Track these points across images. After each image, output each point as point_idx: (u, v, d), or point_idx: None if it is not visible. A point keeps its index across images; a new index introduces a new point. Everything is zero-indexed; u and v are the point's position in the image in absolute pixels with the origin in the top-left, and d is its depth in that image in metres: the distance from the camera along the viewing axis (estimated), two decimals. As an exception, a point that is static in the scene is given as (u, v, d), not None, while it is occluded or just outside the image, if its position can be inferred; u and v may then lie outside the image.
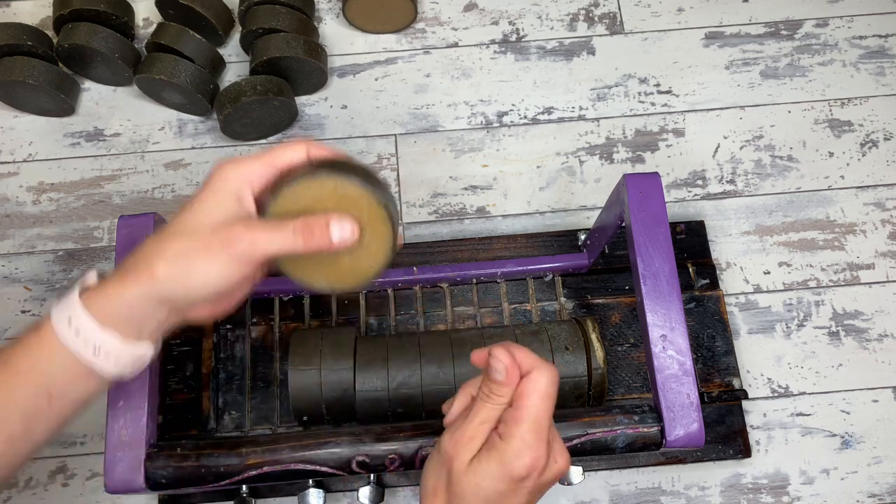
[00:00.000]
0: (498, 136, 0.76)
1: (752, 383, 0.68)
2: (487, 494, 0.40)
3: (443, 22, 0.81)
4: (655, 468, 0.65)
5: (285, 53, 0.71)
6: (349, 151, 0.76)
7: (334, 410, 0.58)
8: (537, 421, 0.40)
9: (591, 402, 0.60)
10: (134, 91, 0.78)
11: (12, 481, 0.65)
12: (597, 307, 0.68)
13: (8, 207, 0.74)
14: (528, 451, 0.39)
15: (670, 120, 0.77)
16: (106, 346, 0.40)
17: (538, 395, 0.40)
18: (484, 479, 0.39)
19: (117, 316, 0.40)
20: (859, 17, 0.80)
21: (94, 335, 0.40)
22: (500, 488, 0.40)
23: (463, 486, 0.40)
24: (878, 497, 0.65)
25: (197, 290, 0.40)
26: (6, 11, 0.81)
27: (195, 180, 0.75)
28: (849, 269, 0.71)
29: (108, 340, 0.40)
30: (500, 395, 0.41)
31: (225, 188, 0.42)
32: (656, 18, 0.81)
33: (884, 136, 0.76)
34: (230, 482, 0.49)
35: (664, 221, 0.53)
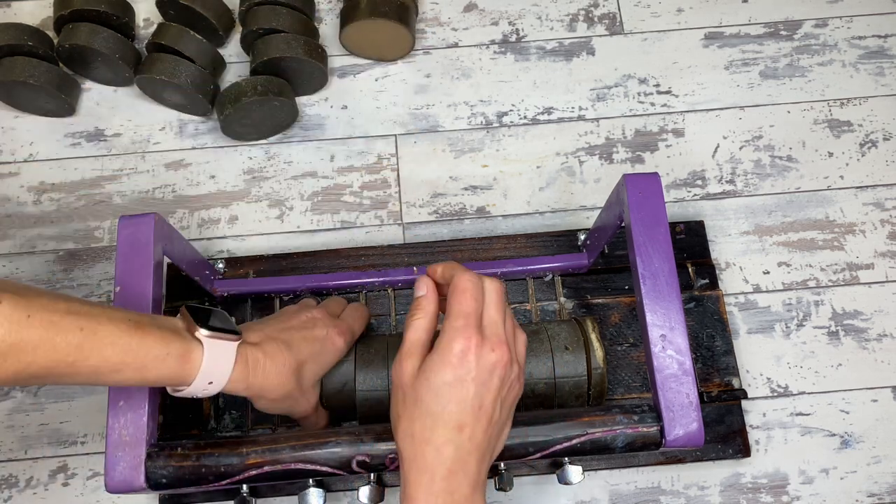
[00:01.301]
0: (498, 137, 0.76)
1: (752, 383, 0.68)
2: (437, 387, 0.43)
3: (443, 22, 0.81)
4: (655, 468, 0.65)
5: (285, 54, 0.72)
6: (349, 151, 0.76)
7: (332, 402, 0.59)
8: (462, 312, 0.44)
9: (590, 402, 0.60)
10: (134, 91, 0.78)
11: (12, 480, 0.65)
12: (596, 307, 0.68)
13: (9, 207, 0.74)
14: (458, 334, 0.44)
15: (670, 120, 0.77)
16: (210, 391, 0.48)
17: (458, 292, 0.45)
18: (430, 372, 0.44)
19: (246, 375, 0.50)
20: (858, 18, 0.80)
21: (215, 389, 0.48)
22: (446, 377, 0.43)
23: (417, 390, 0.44)
24: (877, 497, 0.65)
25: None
26: (7, 12, 0.82)
27: (195, 180, 0.75)
28: (848, 269, 0.71)
29: (218, 389, 0.49)
30: (420, 309, 0.47)
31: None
32: (656, 19, 0.81)
33: (883, 136, 0.76)
34: (230, 482, 0.50)
35: (664, 221, 0.53)
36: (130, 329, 0.44)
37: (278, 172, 0.75)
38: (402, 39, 0.76)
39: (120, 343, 0.43)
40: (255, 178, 0.75)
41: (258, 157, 0.76)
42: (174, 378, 0.46)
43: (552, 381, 0.58)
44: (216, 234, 0.73)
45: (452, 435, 0.43)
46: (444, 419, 0.43)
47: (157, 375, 0.45)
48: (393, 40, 0.77)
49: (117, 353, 0.43)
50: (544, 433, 0.50)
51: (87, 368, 0.42)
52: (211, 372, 0.47)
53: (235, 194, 0.74)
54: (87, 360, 0.42)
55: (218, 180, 0.75)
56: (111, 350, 0.43)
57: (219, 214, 0.74)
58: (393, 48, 0.78)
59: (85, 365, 0.42)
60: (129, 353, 0.43)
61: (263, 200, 0.74)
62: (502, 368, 0.44)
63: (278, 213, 0.74)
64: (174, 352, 0.45)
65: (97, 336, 0.42)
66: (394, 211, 0.74)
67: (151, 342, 0.44)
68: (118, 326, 0.43)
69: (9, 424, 0.67)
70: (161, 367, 0.45)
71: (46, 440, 0.66)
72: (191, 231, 0.73)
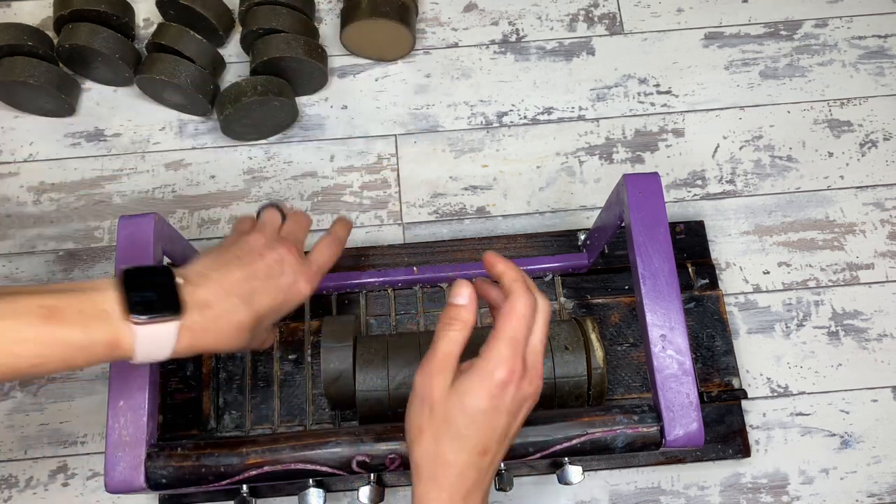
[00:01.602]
0: (498, 137, 0.76)
1: (752, 383, 0.68)
2: (472, 412, 0.41)
3: (443, 22, 0.81)
4: (655, 468, 0.65)
5: (285, 54, 0.72)
6: (349, 151, 0.76)
7: (332, 393, 0.59)
8: (514, 339, 0.42)
9: (590, 402, 0.60)
10: (134, 91, 0.78)
11: (12, 481, 0.65)
12: (596, 307, 0.68)
13: (8, 207, 0.74)
14: (504, 363, 0.42)
15: (670, 120, 0.77)
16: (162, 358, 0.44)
17: (515, 316, 0.43)
18: (465, 395, 0.41)
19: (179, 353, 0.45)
20: (858, 18, 0.80)
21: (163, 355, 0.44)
22: (482, 405, 0.41)
23: (448, 409, 0.42)
24: (877, 497, 0.65)
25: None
26: (7, 12, 0.81)
27: (195, 180, 0.75)
28: (848, 269, 0.71)
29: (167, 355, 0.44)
30: (458, 321, 0.43)
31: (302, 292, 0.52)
32: (656, 19, 0.81)
33: (883, 136, 0.76)
34: (230, 482, 0.50)
35: (664, 221, 0.53)
36: (42, 318, 0.39)
37: (278, 172, 0.75)
38: (403, 39, 0.76)
39: (30, 337, 0.39)
40: (254, 178, 0.75)
41: (258, 157, 0.76)
42: (106, 358, 0.42)
43: (552, 381, 0.58)
44: (216, 234, 0.73)
45: (476, 459, 0.42)
46: (472, 444, 0.42)
47: (89, 363, 0.41)
48: (393, 40, 0.76)
49: (30, 348, 0.39)
50: (544, 433, 0.50)
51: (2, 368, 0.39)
52: (148, 353, 0.43)
53: (235, 194, 0.74)
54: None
55: (218, 180, 0.75)
56: (22, 347, 0.39)
57: (219, 214, 0.74)
58: (393, 48, 0.78)
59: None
60: (45, 346, 0.39)
61: (263, 200, 0.74)
62: (532, 400, 0.44)
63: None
64: (99, 339, 0.41)
65: (1, 332, 0.38)
66: (394, 211, 0.74)
67: (69, 331, 0.40)
68: (27, 318, 0.39)
69: (9, 424, 0.67)
70: (88, 357, 0.41)
71: (46, 440, 0.66)
72: (191, 231, 0.73)
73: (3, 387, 0.68)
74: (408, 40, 0.77)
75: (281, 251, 0.50)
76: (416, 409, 0.43)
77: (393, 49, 0.78)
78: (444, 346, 0.43)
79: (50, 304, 0.40)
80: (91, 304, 0.41)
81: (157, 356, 0.43)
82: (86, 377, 0.68)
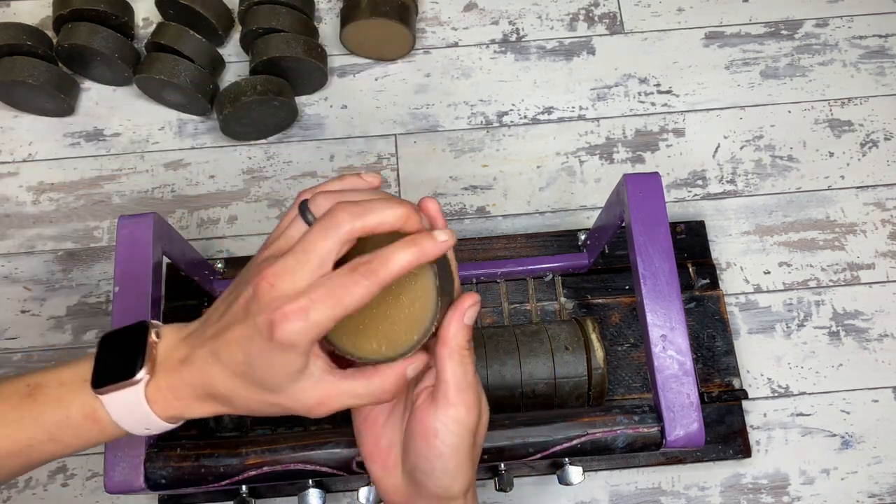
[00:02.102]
0: (498, 136, 0.76)
1: (752, 383, 0.68)
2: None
3: (443, 22, 0.81)
4: (655, 468, 0.65)
5: (285, 53, 0.71)
6: (349, 151, 0.76)
7: None
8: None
9: (591, 402, 0.60)
10: (134, 91, 0.77)
11: (11, 481, 0.65)
12: (597, 307, 0.68)
13: (8, 207, 0.74)
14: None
15: (670, 120, 0.77)
16: (152, 426, 0.39)
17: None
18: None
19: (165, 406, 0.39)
20: (859, 17, 0.80)
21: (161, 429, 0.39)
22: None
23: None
24: (878, 497, 0.65)
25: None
26: (6, 11, 0.81)
27: (195, 180, 0.75)
28: (849, 269, 0.71)
29: (156, 422, 0.39)
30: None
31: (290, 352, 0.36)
32: (656, 18, 0.81)
33: (884, 136, 0.76)
34: (230, 482, 0.49)
35: (664, 221, 0.53)
36: (23, 399, 0.38)
37: (278, 172, 0.75)
38: (402, 39, 0.76)
39: (13, 419, 0.38)
40: (254, 178, 0.75)
41: (257, 156, 0.76)
42: (100, 435, 0.39)
43: (552, 381, 0.58)
44: (215, 233, 0.73)
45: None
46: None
47: (81, 441, 0.39)
48: (393, 40, 0.76)
49: (16, 430, 0.38)
50: (544, 434, 0.50)
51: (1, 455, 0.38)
52: (131, 422, 0.39)
53: (235, 194, 0.74)
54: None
55: (217, 180, 0.75)
56: (9, 429, 0.38)
57: (218, 214, 0.73)
58: (393, 48, 0.78)
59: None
60: (29, 426, 0.38)
61: (263, 200, 0.74)
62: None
63: (278, 212, 0.74)
64: (75, 412, 0.38)
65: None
66: (394, 211, 0.73)
67: (46, 408, 0.38)
68: (12, 400, 0.38)
69: (8, 425, 0.67)
70: (75, 432, 0.39)
71: (45, 440, 0.66)
72: (190, 231, 0.73)
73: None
74: (408, 40, 0.77)
75: (255, 281, 0.35)
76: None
77: (393, 49, 0.78)
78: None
79: (35, 381, 0.39)
80: (72, 374, 0.39)
81: (148, 425, 0.39)
82: (85, 377, 0.68)
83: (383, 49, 0.78)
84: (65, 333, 0.69)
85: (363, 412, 0.42)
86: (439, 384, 0.39)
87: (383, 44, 0.77)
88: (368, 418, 0.42)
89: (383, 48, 0.78)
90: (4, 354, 0.69)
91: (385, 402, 0.39)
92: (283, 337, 0.34)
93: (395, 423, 0.42)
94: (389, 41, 0.77)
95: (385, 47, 0.77)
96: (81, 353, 0.69)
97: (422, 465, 0.39)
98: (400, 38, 0.76)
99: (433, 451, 0.39)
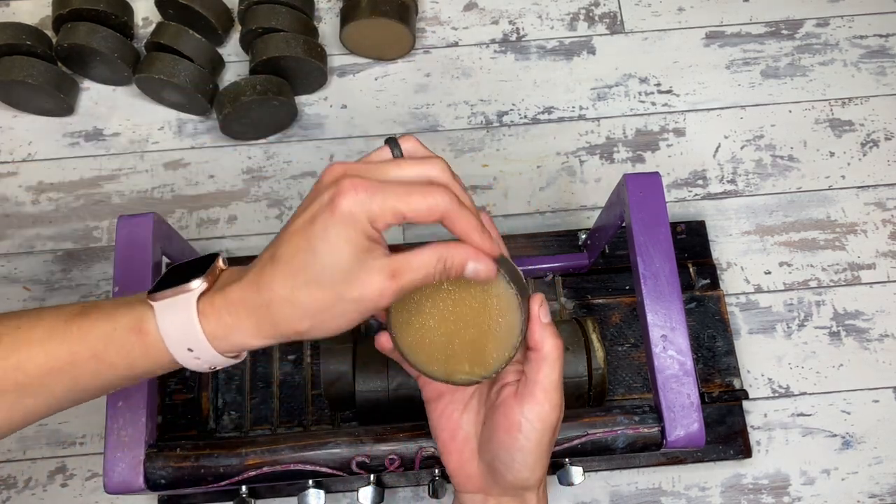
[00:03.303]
0: (498, 136, 0.76)
1: (753, 383, 0.67)
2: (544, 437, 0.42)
3: (443, 21, 0.81)
4: (656, 469, 0.65)
5: (285, 53, 0.71)
6: (349, 151, 0.76)
7: (331, 394, 0.58)
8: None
9: (591, 403, 0.60)
10: (133, 91, 0.77)
11: (15, 482, 0.65)
12: (597, 307, 0.68)
13: (7, 207, 0.74)
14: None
15: (671, 119, 0.76)
16: (201, 350, 0.38)
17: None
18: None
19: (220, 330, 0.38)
20: (860, 17, 0.80)
21: (198, 346, 0.38)
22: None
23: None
24: (878, 497, 0.64)
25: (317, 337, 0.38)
26: (6, 11, 0.81)
27: (194, 180, 0.75)
28: (849, 269, 0.71)
29: (206, 348, 0.38)
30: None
31: (352, 226, 0.35)
32: (657, 18, 0.81)
33: (884, 135, 0.76)
34: (230, 482, 0.49)
35: (664, 221, 0.53)
36: (74, 315, 0.38)
37: (277, 172, 0.75)
38: (402, 38, 0.76)
39: (60, 333, 0.38)
40: (254, 178, 0.75)
41: (257, 156, 0.75)
42: (144, 356, 0.38)
43: (553, 381, 0.58)
44: (215, 233, 0.73)
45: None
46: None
47: (124, 359, 0.38)
48: (393, 39, 0.76)
49: (60, 344, 0.38)
50: (545, 434, 0.50)
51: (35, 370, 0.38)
52: (176, 337, 0.37)
53: (234, 194, 0.74)
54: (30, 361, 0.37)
55: (217, 180, 0.75)
56: (53, 343, 0.38)
57: (218, 214, 0.73)
58: (393, 47, 0.77)
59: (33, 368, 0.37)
60: (75, 341, 0.38)
61: (262, 200, 0.74)
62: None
63: (277, 212, 0.73)
64: (122, 325, 0.38)
65: (33, 333, 0.38)
66: (394, 211, 0.73)
67: (96, 322, 0.38)
68: (60, 316, 0.38)
69: (7, 425, 0.67)
70: (117, 348, 0.38)
71: (45, 441, 0.66)
72: (190, 231, 0.73)
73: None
74: (407, 39, 0.76)
75: (330, 191, 0.35)
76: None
77: (393, 48, 0.78)
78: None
79: (92, 302, 0.40)
80: (124, 300, 0.40)
81: (194, 345, 0.37)
82: (85, 377, 0.68)
83: (383, 49, 0.78)
84: (64, 333, 0.69)
85: (439, 407, 0.45)
86: (528, 383, 0.41)
87: (383, 43, 0.77)
88: (444, 413, 0.44)
89: (383, 48, 0.77)
90: (4, 354, 0.69)
91: (454, 273, 0.38)
92: (346, 206, 0.34)
93: (470, 417, 0.44)
94: (389, 41, 0.76)
95: (385, 47, 0.77)
96: (81, 353, 0.69)
97: (502, 457, 0.41)
98: (400, 37, 0.76)
99: (515, 444, 0.41)
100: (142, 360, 0.38)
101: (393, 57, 0.79)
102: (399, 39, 0.76)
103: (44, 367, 0.38)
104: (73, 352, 0.38)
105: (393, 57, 0.79)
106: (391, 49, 0.78)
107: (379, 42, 0.77)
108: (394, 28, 0.74)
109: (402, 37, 0.76)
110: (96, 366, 0.38)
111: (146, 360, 0.39)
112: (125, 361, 0.38)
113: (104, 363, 0.38)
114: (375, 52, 0.78)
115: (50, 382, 0.38)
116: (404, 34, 0.75)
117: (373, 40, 0.76)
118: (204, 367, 0.39)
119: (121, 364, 0.38)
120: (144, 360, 0.39)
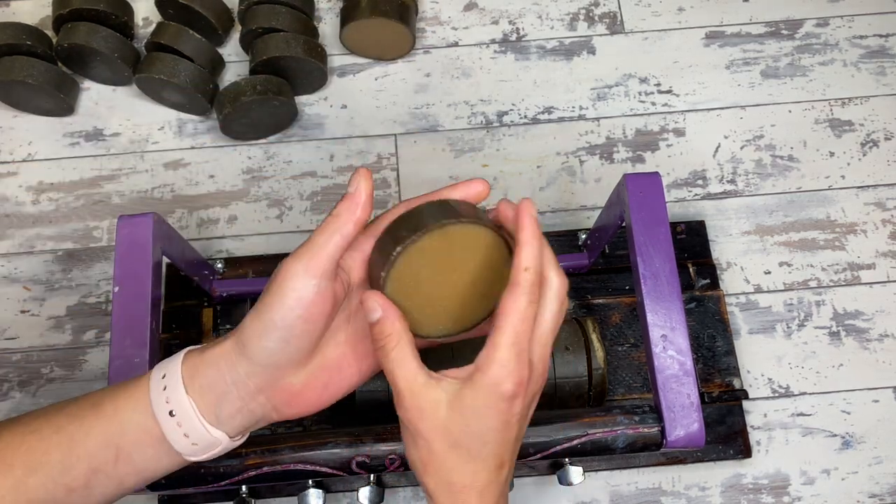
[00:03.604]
0: (498, 136, 0.76)
1: (753, 383, 0.67)
2: (481, 433, 0.37)
3: (443, 21, 0.81)
4: (656, 468, 0.65)
5: (285, 53, 0.71)
6: (349, 151, 0.76)
7: None
8: (517, 343, 0.36)
9: (591, 403, 0.60)
10: (133, 91, 0.77)
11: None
12: (597, 307, 0.68)
13: (7, 207, 0.74)
14: (511, 375, 0.36)
15: (671, 120, 0.77)
16: (181, 412, 0.38)
17: (516, 313, 0.36)
18: (472, 419, 0.37)
19: (201, 382, 0.39)
20: (860, 17, 0.80)
21: (175, 395, 0.38)
22: (492, 424, 0.37)
23: (452, 434, 0.37)
24: (878, 497, 0.64)
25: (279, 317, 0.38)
26: (6, 11, 0.81)
27: (194, 180, 0.75)
28: (849, 269, 0.71)
29: (186, 406, 0.38)
30: (387, 337, 0.37)
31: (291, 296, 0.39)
32: (657, 18, 0.81)
33: (884, 135, 0.76)
34: (230, 482, 0.49)
35: (664, 221, 0.53)
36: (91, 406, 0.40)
37: (277, 172, 0.75)
38: (402, 39, 0.76)
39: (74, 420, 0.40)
40: (254, 178, 0.75)
41: (257, 156, 0.76)
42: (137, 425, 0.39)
43: (552, 381, 0.58)
44: (215, 233, 0.73)
45: (494, 476, 0.38)
46: (487, 462, 0.38)
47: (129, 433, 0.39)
48: (393, 39, 0.76)
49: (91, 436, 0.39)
50: (545, 434, 0.50)
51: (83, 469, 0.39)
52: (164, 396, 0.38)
53: (234, 194, 0.74)
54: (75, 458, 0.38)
55: (217, 180, 0.75)
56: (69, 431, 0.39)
57: (218, 214, 0.73)
58: (393, 47, 0.78)
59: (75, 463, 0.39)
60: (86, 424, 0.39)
61: (262, 200, 0.74)
62: (539, 393, 0.40)
63: (277, 212, 0.73)
64: (121, 393, 0.40)
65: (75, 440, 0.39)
66: (394, 211, 0.73)
67: (101, 395, 0.40)
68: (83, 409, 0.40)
69: (7, 425, 0.67)
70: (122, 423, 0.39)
71: (45, 441, 0.66)
72: (190, 231, 0.73)
73: (3, 387, 0.68)
74: (408, 39, 0.77)
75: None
76: (411, 444, 0.39)
77: (393, 48, 0.78)
78: (401, 372, 0.37)
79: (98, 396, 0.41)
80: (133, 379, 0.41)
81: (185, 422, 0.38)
82: (85, 377, 0.68)
83: (383, 49, 0.78)
84: (64, 333, 0.69)
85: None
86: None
87: (383, 43, 0.77)
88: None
89: (383, 48, 0.77)
90: (4, 354, 0.69)
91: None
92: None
93: None
94: (389, 41, 0.76)
95: (385, 47, 0.77)
96: (81, 353, 0.69)
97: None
98: (400, 37, 0.76)
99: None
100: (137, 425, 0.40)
101: (393, 57, 0.79)
102: (399, 39, 0.76)
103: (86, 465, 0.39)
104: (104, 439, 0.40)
105: (393, 57, 0.79)
106: (391, 49, 0.78)
107: (379, 42, 0.77)
108: (394, 28, 0.74)
109: (402, 37, 0.76)
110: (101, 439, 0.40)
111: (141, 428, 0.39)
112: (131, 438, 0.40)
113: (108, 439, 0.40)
114: (375, 52, 0.78)
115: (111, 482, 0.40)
116: (404, 34, 0.75)
117: (373, 40, 0.76)
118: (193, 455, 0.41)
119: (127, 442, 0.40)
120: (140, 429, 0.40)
